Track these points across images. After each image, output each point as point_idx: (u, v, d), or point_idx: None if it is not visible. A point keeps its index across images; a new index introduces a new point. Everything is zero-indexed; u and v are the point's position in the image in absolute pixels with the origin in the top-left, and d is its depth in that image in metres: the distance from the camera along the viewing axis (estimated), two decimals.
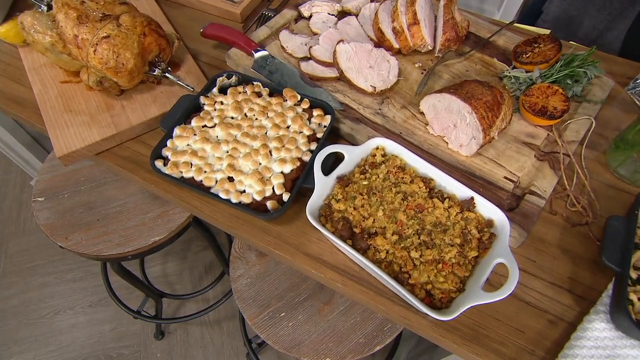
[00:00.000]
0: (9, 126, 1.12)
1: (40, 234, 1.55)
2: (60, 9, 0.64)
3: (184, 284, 1.48)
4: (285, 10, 0.84)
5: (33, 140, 1.22)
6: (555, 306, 0.53)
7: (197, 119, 0.65)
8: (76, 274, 1.47)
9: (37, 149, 1.26)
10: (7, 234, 1.56)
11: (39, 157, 1.29)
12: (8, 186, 1.65)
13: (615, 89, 0.74)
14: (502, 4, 1.93)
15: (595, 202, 0.60)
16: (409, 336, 1.21)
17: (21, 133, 1.17)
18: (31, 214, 1.60)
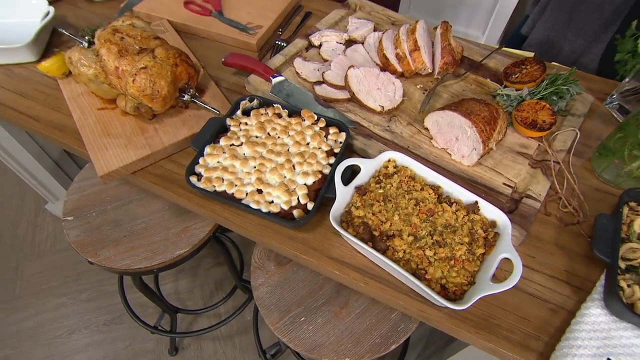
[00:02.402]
0: (34, 152, 1.17)
1: (54, 255, 1.59)
2: (103, 45, 0.70)
3: (195, 300, 1.51)
4: (297, 40, 0.91)
5: (55, 165, 1.27)
6: (555, 296, 0.59)
7: (225, 139, 0.71)
8: (90, 294, 1.49)
9: (59, 173, 1.30)
10: (22, 257, 1.58)
11: (60, 182, 1.33)
12: (23, 211, 1.69)
13: (595, 103, 0.82)
14: (486, 29, 2.06)
15: (584, 203, 0.67)
16: (416, 342, 1.25)
17: (45, 158, 1.22)
18: (45, 236, 1.64)
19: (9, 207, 1.71)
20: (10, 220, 1.67)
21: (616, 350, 0.52)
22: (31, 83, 0.84)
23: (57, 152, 1.25)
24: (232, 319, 1.40)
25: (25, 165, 1.29)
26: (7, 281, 1.52)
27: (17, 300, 1.48)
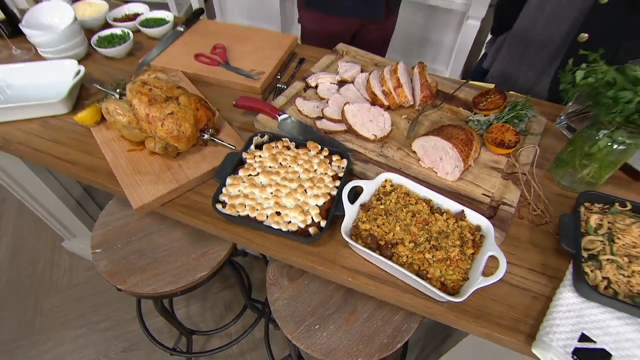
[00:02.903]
0: (58, 192, 1.18)
1: (71, 290, 1.58)
2: (134, 96, 0.76)
3: (207, 322, 1.51)
4: (295, 82, 0.99)
5: (77, 204, 1.29)
6: (534, 285, 0.65)
7: (243, 170, 0.76)
8: (108, 324, 1.47)
9: (80, 211, 1.32)
10: (41, 294, 1.56)
11: (81, 220, 1.34)
12: (40, 251, 1.67)
13: (548, 124, 0.91)
14: (449, 64, 2.21)
15: (549, 206, 0.75)
16: (414, 345, 1.29)
17: (68, 198, 1.23)
18: (62, 273, 1.63)
19: (26, 247, 1.70)
20: (28, 260, 1.66)
21: (588, 325, 0.58)
22: (65, 132, 0.88)
23: (78, 192, 1.27)
24: (242, 337, 1.41)
25: (46, 205, 1.31)
26: (28, 318, 1.50)
27: (37, 335, 1.46)
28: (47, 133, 0.88)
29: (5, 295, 1.55)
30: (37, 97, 0.92)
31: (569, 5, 0.96)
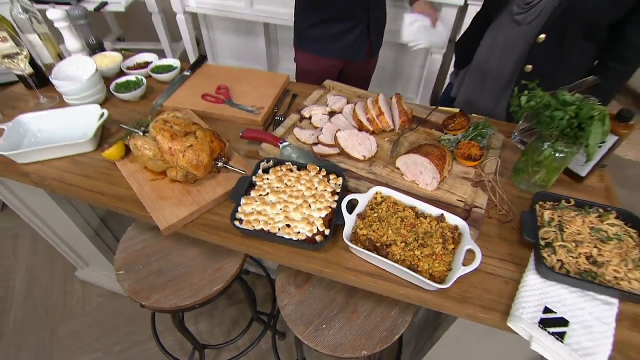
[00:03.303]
0: (79, 223, 1.23)
1: (86, 316, 1.59)
2: (158, 132, 0.84)
3: (216, 338, 1.53)
4: (292, 115, 1.09)
5: (95, 234, 1.32)
6: (505, 272, 0.74)
7: (254, 191, 0.84)
8: (123, 346, 1.47)
9: (98, 241, 1.35)
10: (56, 322, 1.55)
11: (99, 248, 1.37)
12: (54, 282, 1.67)
13: (505, 139, 1.03)
14: (419, 92, 2.38)
15: (512, 207, 0.85)
16: (408, 341, 1.35)
17: (87, 228, 1.27)
18: (76, 301, 1.63)
19: (40, 280, 1.70)
20: (43, 292, 1.65)
21: (549, 300, 0.67)
22: (93, 167, 0.95)
23: (95, 222, 1.31)
24: (250, 349, 1.45)
25: (63, 236, 1.34)
26: (45, 346, 1.48)
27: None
28: (77, 169, 0.95)
29: (21, 327, 1.54)
30: (65, 138, 0.98)
31: (515, 43, 1.10)
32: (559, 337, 0.63)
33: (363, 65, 1.51)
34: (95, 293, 1.64)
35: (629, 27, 0.93)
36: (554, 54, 1.04)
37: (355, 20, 1.31)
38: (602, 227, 0.74)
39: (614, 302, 0.67)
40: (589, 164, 0.87)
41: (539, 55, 1.06)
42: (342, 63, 1.45)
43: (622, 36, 0.95)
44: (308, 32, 1.38)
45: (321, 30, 1.34)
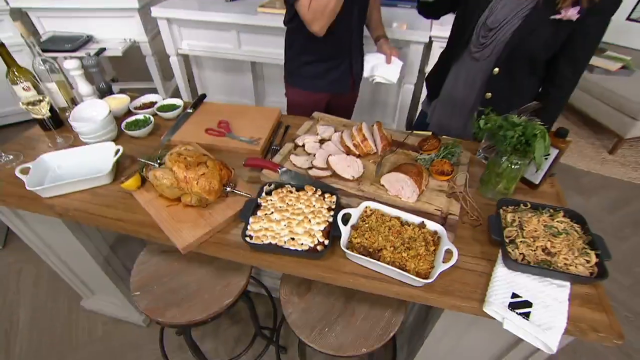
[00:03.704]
0: (91, 252, 1.28)
1: (92, 344, 1.59)
2: (174, 163, 0.94)
3: (221, 356, 1.56)
4: (287, 144, 1.21)
5: (105, 262, 1.37)
6: (479, 267, 0.86)
7: (260, 211, 0.94)
8: None
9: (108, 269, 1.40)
10: (62, 353, 1.54)
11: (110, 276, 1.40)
12: (58, 312, 1.67)
13: (472, 156, 1.17)
14: (395, 119, 2.56)
15: (480, 213, 0.98)
16: (402, 346, 1.42)
17: (98, 257, 1.32)
18: (82, 330, 1.63)
19: (44, 312, 1.69)
20: (47, 324, 1.65)
21: (515, 287, 0.79)
22: (111, 197, 1.03)
23: (106, 250, 1.37)
24: None
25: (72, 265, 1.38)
26: None
27: None
28: (96, 200, 1.02)
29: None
30: (82, 173, 1.05)
31: (476, 76, 1.26)
32: (525, 316, 0.74)
33: (347, 97, 1.67)
34: (100, 321, 1.66)
35: (561, 62, 1.11)
36: (507, 84, 1.21)
37: (339, 60, 1.48)
38: (553, 224, 0.87)
39: (567, 284, 0.79)
40: (540, 173, 1.02)
41: (495, 85, 1.23)
42: (328, 96, 1.60)
43: (557, 69, 1.13)
44: (298, 71, 1.53)
45: (309, 69, 1.49)
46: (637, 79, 2.75)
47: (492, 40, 1.14)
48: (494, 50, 1.16)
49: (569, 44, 1.06)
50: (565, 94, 1.18)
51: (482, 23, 1.14)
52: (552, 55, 1.12)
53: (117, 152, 1.10)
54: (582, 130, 3.06)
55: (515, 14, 1.07)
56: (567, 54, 1.09)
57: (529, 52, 1.09)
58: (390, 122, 2.70)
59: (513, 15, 1.08)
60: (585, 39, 1.04)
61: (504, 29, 1.10)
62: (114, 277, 1.42)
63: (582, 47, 1.06)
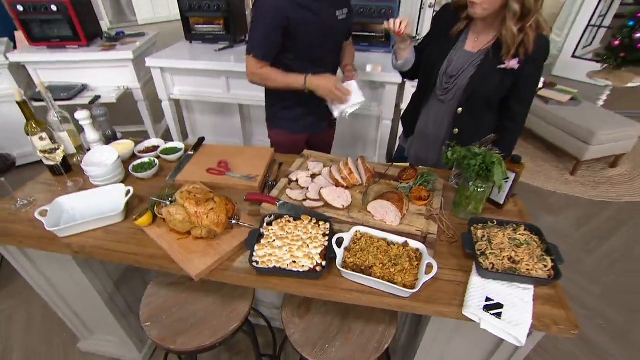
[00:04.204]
0: (98, 288, 1.34)
1: None
2: (185, 200, 1.06)
3: None
4: (282, 180, 1.34)
5: (110, 299, 1.42)
6: (457, 278, 0.99)
7: (264, 239, 1.06)
8: None
9: (112, 305, 1.44)
10: None
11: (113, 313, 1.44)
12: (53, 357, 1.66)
13: (445, 183, 1.34)
14: (376, 152, 2.76)
15: (455, 231, 1.13)
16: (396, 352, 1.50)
17: (103, 293, 1.38)
18: None
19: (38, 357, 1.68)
20: None
21: (488, 292, 0.92)
22: (124, 234, 1.12)
23: (110, 288, 1.43)
24: None
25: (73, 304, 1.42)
26: None
27: None
28: (110, 237, 1.12)
29: None
30: (93, 214, 1.15)
31: (443, 116, 1.46)
32: (498, 316, 0.87)
33: (325, 136, 1.86)
34: None
35: (511, 100, 1.32)
36: (470, 120, 1.41)
37: (315, 104, 1.64)
38: (516, 237, 1.03)
39: (530, 287, 0.93)
40: (502, 194, 1.19)
41: (460, 122, 1.43)
42: (307, 136, 1.77)
43: (509, 106, 1.34)
44: (277, 115, 1.71)
45: (288, 113, 1.66)
46: (584, 109, 3.09)
47: (454, 86, 1.35)
48: (456, 94, 1.36)
49: (516, 86, 1.28)
50: (519, 125, 1.38)
51: (443, 72, 1.36)
52: (504, 96, 1.34)
53: (127, 193, 1.21)
54: (546, 155, 3.35)
55: (470, 64, 1.29)
56: (515, 94, 1.31)
57: (484, 95, 1.30)
58: (372, 155, 2.90)
59: (468, 65, 1.30)
60: (527, 81, 1.26)
61: (462, 77, 1.31)
62: (116, 313, 1.46)
63: (526, 88, 1.28)
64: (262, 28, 1.42)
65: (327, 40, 1.55)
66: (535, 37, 1.17)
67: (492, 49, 1.24)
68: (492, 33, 1.24)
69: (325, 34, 1.52)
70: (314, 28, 1.47)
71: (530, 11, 1.11)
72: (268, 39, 1.44)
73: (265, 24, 1.41)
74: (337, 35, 1.60)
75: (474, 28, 1.30)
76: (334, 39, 1.59)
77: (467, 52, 1.31)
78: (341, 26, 1.58)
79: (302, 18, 1.42)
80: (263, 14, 1.40)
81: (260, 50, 1.46)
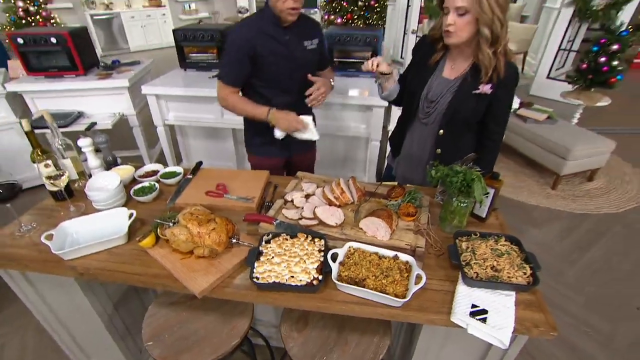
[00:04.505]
0: (98, 310, 1.36)
1: None
2: (188, 221, 1.12)
3: None
4: (278, 200, 1.42)
5: (109, 320, 1.44)
6: (444, 287, 1.06)
7: (263, 257, 1.12)
8: None
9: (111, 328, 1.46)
10: None
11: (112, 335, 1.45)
12: None
13: (431, 199, 1.44)
14: (366, 172, 2.86)
15: (442, 244, 1.21)
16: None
17: (103, 314, 1.40)
18: None
19: None
20: None
21: (474, 299, 0.99)
22: (127, 255, 1.17)
23: (110, 310, 1.45)
24: None
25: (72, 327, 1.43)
26: None
27: None
28: (113, 258, 1.16)
29: None
30: (96, 237, 1.20)
31: (427, 137, 1.55)
32: (483, 321, 0.94)
33: (305, 157, 1.93)
34: None
35: (488, 122, 1.44)
36: (451, 141, 1.52)
37: None
38: (497, 247, 1.11)
39: (512, 293, 1.01)
40: (484, 208, 1.28)
41: (442, 143, 1.53)
42: (284, 159, 1.86)
43: (487, 127, 1.46)
44: (252, 140, 1.79)
45: (261, 138, 1.73)
46: (560, 127, 3.28)
47: (434, 110, 1.47)
48: (436, 118, 1.48)
49: (491, 110, 1.40)
50: (497, 144, 1.50)
51: (424, 97, 1.47)
52: (481, 118, 1.45)
53: (130, 216, 1.26)
54: (527, 171, 3.51)
55: (448, 90, 1.41)
56: (492, 117, 1.43)
57: (462, 118, 1.42)
58: (362, 175, 3.00)
59: (446, 90, 1.42)
60: (500, 105, 1.38)
61: (441, 102, 1.43)
62: (115, 335, 1.47)
63: (500, 111, 1.41)
64: (229, 56, 1.56)
65: (295, 70, 1.64)
66: (505, 63, 1.30)
67: (468, 75, 1.36)
68: (467, 61, 1.37)
69: (293, 64, 1.61)
70: (282, 58, 1.58)
71: (498, 37, 1.24)
72: (235, 66, 1.57)
73: (233, 52, 1.54)
74: (307, 65, 1.68)
75: (450, 57, 1.43)
76: (303, 69, 1.66)
77: (445, 79, 1.43)
78: (311, 56, 1.68)
79: (269, 48, 1.54)
80: (231, 43, 1.54)
81: (227, 77, 1.60)
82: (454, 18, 1.24)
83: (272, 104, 1.63)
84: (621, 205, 3.00)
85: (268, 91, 1.65)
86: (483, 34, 1.24)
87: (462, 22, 1.23)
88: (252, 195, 1.47)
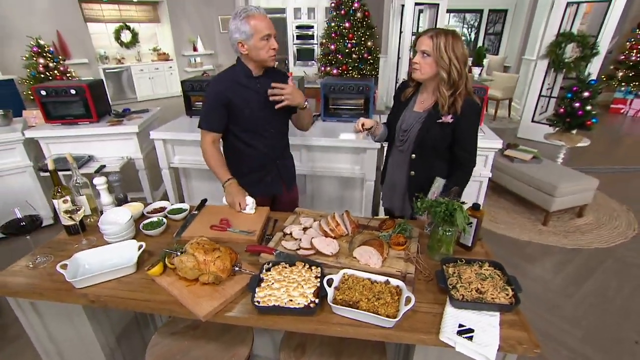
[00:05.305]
0: (101, 341, 1.39)
1: None
2: (195, 250, 1.21)
3: None
4: (277, 233, 1.52)
5: (111, 354, 1.46)
6: (433, 309, 1.13)
7: (263, 283, 1.20)
8: None
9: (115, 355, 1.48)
10: None
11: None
12: None
13: (420, 231, 1.54)
14: (362, 208, 2.98)
15: (430, 271, 1.29)
16: None
17: (105, 347, 1.43)
18: None
19: None
20: None
21: (461, 319, 1.06)
22: (135, 284, 1.24)
23: (113, 343, 1.48)
24: None
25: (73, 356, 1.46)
26: None
27: None
28: (123, 286, 1.23)
29: None
30: (108, 266, 1.28)
31: (402, 162, 1.72)
32: (470, 339, 1.01)
33: (286, 195, 2.04)
34: None
35: (455, 148, 1.62)
36: (423, 164, 1.68)
37: (266, 170, 1.87)
38: (482, 271, 1.20)
39: (496, 314, 1.08)
40: (469, 237, 1.38)
41: (415, 166, 1.69)
42: (269, 199, 1.97)
43: (455, 153, 1.63)
44: (239, 180, 1.90)
45: (245, 178, 1.83)
46: (546, 166, 3.46)
47: (407, 138, 1.68)
48: (410, 145, 1.67)
49: (456, 137, 1.58)
50: (467, 167, 1.65)
51: (399, 128, 1.71)
52: (449, 144, 1.61)
53: (140, 247, 1.35)
54: (518, 208, 3.62)
55: (417, 120, 1.63)
56: (458, 142, 1.60)
57: (430, 144, 1.61)
58: (358, 212, 3.11)
59: (416, 121, 1.64)
60: (463, 133, 1.58)
61: (412, 130, 1.65)
62: None
63: (464, 138, 1.59)
64: (207, 105, 1.73)
65: (270, 115, 1.77)
66: (464, 102, 1.51)
67: (433, 108, 1.58)
68: (433, 97, 1.61)
69: (266, 109, 1.74)
70: (255, 103, 1.73)
71: (455, 82, 1.48)
72: (212, 114, 1.73)
73: (210, 101, 1.73)
74: (282, 109, 1.73)
75: (420, 94, 1.68)
76: (277, 114, 1.74)
77: (415, 112, 1.67)
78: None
79: (242, 97, 1.71)
80: (208, 94, 1.72)
81: (205, 123, 1.74)
82: (419, 58, 1.51)
83: (253, 147, 1.79)
84: (611, 240, 3.08)
85: (245, 135, 1.80)
86: (441, 77, 1.49)
87: (424, 62, 1.50)
88: (254, 228, 1.57)
